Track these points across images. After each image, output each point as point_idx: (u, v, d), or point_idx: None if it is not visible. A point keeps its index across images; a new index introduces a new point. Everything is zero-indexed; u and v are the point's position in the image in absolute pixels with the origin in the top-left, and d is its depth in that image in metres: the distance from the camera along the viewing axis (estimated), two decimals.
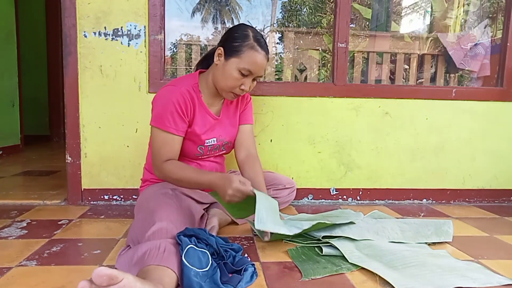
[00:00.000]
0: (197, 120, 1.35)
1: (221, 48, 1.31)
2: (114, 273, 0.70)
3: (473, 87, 2.34)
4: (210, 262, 0.96)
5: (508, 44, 1.97)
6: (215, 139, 1.42)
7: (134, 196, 1.80)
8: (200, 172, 1.27)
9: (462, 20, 3.54)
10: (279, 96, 1.85)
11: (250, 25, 1.37)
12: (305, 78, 4.11)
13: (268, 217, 1.14)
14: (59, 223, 1.47)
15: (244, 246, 1.26)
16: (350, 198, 1.94)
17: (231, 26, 1.86)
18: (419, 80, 3.52)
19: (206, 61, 1.46)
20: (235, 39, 1.29)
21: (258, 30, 1.36)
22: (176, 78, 1.42)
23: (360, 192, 1.94)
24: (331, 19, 2.84)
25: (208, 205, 1.48)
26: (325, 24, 9.16)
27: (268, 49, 1.33)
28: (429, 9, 4.48)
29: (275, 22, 11.13)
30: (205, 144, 1.40)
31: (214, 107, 1.43)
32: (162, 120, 1.28)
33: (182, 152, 1.36)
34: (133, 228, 1.11)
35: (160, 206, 1.14)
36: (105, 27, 1.71)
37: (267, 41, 1.49)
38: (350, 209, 1.79)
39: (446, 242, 1.35)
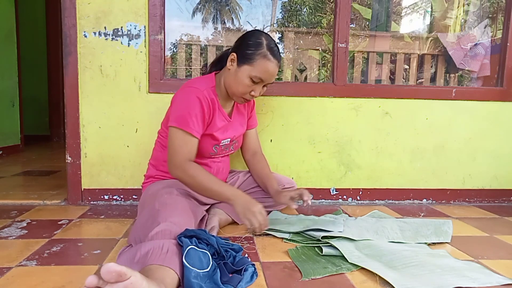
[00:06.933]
0: (215, 121, 1.37)
1: (234, 54, 1.33)
2: (123, 270, 0.70)
3: (473, 87, 2.33)
4: (211, 262, 0.96)
5: (508, 44, 1.97)
6: (229, 139, 1.46)
7: (134, 196, 1.80)
8: (222, 184, 1.28)
9: (462, 20, 3.54)
10: (279, 96, 1.85)
11: (264, 32, 1.38)
12: (305, 78, 4.11)
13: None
14: (59, 223, 1.47)
15: (244, 246, 1.26)
16: (350, 198, 1.93)
17: (231, 26, 1.87)
18: (419, 80, 3.52)
19: (220, 64, 1.47)
20: (248, 47, 1.31)
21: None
22: (193, 78, 1.43)
23: (360, 192, 1.94)
24: (331, 19, 2.84)
25: (209, 206, 1.48)
26: (325, 24, 9.16)
27: (280, 56, 1.35)
28: (429, 9, 4.48)
29: (275, 22, 11.12)
30: (220, 144, 1.43)
31: (226, 108, 1.46)
32: (186, 122, 1.28)
33: (198, 151, 1.36)
34: (136, 227, 1.11)
35: (164, 206, 1.14)
36: (105, 27, 1.71)
37: None
38: (351, 209, 1.79)
39: (445, 242, 1.35)
